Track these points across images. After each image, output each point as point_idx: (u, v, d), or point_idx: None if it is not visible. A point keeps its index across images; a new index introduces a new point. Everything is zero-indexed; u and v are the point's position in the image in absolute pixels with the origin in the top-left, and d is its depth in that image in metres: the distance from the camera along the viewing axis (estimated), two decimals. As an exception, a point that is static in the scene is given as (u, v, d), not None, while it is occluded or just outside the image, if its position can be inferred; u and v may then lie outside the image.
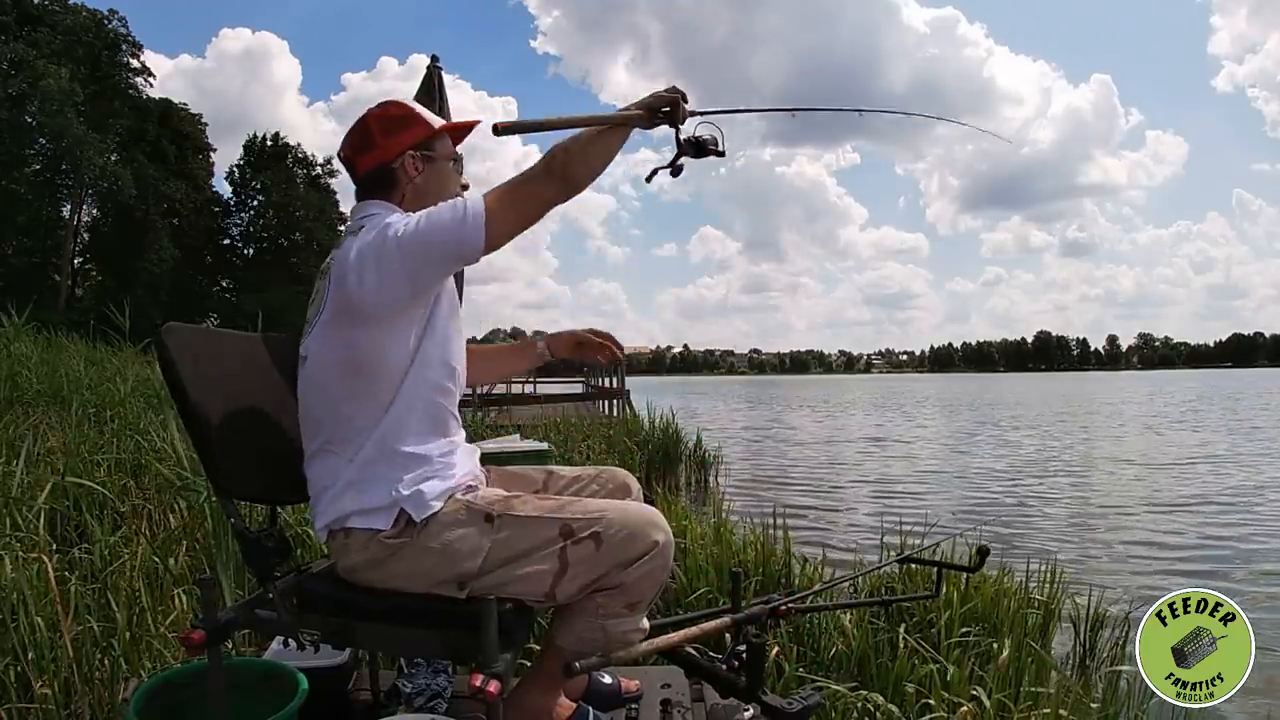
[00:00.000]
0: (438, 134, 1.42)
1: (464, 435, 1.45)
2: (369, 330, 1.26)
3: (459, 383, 1.40)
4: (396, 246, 1.22)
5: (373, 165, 1.38)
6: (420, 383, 1.31)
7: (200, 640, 1.26)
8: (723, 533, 3.48)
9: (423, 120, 1.41)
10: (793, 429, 17.84)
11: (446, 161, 1.43)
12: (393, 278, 1.22)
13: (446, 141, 1.45)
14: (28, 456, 3.17)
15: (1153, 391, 38.24)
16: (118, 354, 7.75)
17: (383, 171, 1.38)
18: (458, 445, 1.41)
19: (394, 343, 1.28)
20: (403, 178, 1.38)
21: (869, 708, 2.01)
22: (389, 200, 1.38)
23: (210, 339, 1.49)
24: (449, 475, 1.34)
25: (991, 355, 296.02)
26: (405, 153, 1.38)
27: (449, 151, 1.44)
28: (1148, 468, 9.66)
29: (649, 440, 8.56)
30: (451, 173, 1.44)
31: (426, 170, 1.39)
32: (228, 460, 1.37)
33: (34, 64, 25.67)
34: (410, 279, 1.23)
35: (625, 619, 1.33)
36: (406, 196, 1.38)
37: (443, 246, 1.23)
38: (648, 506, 1.38)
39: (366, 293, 1.23)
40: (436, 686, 1.74)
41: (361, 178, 1.40)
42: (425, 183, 1.39)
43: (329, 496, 1.31)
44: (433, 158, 1.40)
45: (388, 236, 1.23)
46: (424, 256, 1.23)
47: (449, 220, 1.22)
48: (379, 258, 1.22)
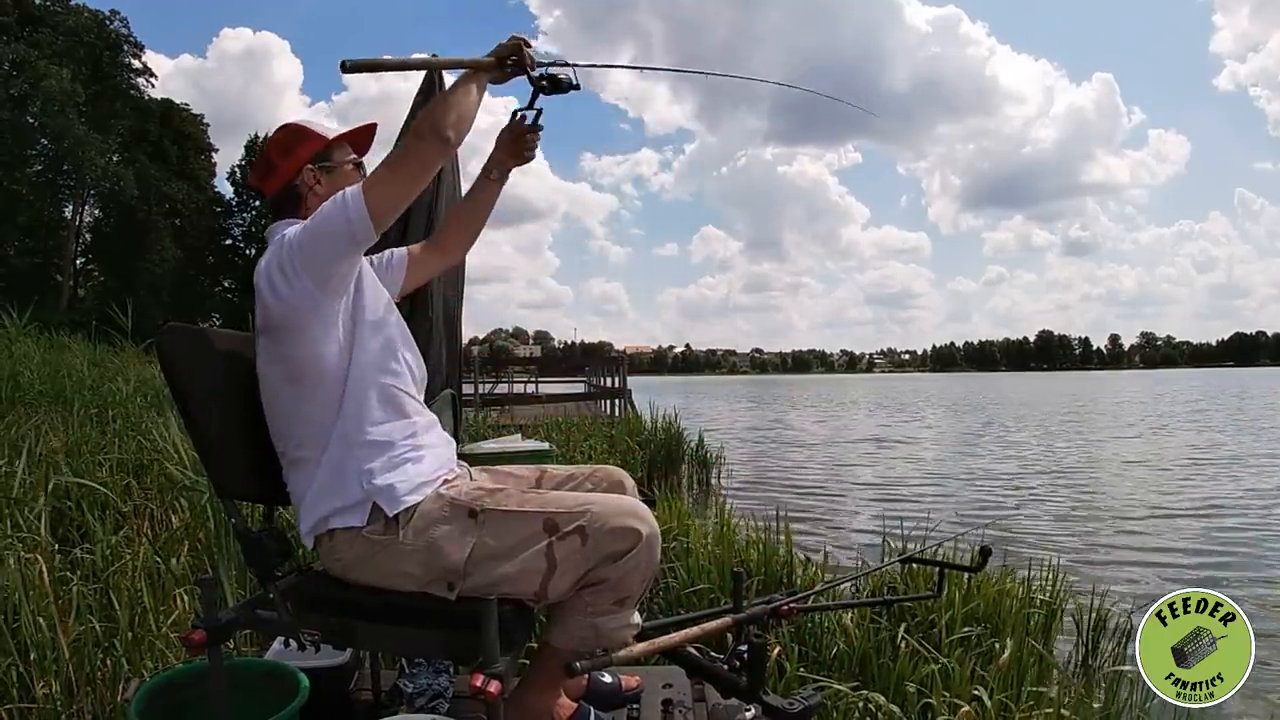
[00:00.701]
0: (334, 144, 1.47)
1: (430, 419, 1.46)
2: (296, 336, 1.30)
3: (408, 364, 1.43)
4: (294, 248, 1.28)
5: (278, 186, 1.45)
6: (365, 370, 1.34)
7: (201, 640, 1.26)
8: (724, 532, 3.49)
9: (315, 134, 1.46)
10: (795, 429, 17.83)
11: (347, 167, 1.47)
12: (298, 278, 1.28)
13: (346, 149, 1.49)
14: (29, 456, 3.17)
15: (1156, 392, 38.19)
16: (119, 354, 7.77)
17: (287, 190, 1.45)
18: (419, 426, 1.41)
19: (325, 340, 1.31)
20: (305, 191, 1.43)
21: (870, 708, 2.01)
22: (296, 216, 1.43)
23: (211, 339, 1.49)
24: (419, 459, 1.36)
25: (993, 355, 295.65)
26: (304, 168, 1.43)
27: (348, 158, 1.48)
28: (1150, 468, 9.66)
29: (651, 440, 8.56)
30: (353, 177, 1.46)
31: (326, 180, 1.44)
32: (228, 460, 1.38)
33: (35, 65, 25.72)
34: (313, 274, 1.28)
35: (615, 615, 1.33)
36: (312, 208, 1.40)
37: (331, 235, 1.27)
38: (630, 499, 1.38)
39: (281, 301, 1.29)
40: (438, 687, 1.74)
41: (271, 201, 1.47)
42: (327, 191, 1.41)
43: (306, 503, 1.33)
44: (331, 166, 1.45)
45: (284, 244, 1.30)
46: (318, 248, 1.28)
47: (331, 209, 1.27)
48: (281, 265, 1.28)
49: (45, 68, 25.79)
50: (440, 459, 1.42)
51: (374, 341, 1.36)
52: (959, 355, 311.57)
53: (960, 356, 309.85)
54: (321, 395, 1.31)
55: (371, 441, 1.32)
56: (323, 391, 1.31)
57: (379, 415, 1.34)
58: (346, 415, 1.32)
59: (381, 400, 1.35)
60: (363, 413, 1.33)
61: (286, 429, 1.35)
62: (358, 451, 1.31)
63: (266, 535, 1.35)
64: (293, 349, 1.30)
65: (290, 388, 1.32)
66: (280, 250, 1.30)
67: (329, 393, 1.31)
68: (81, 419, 4.62)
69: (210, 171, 36.64)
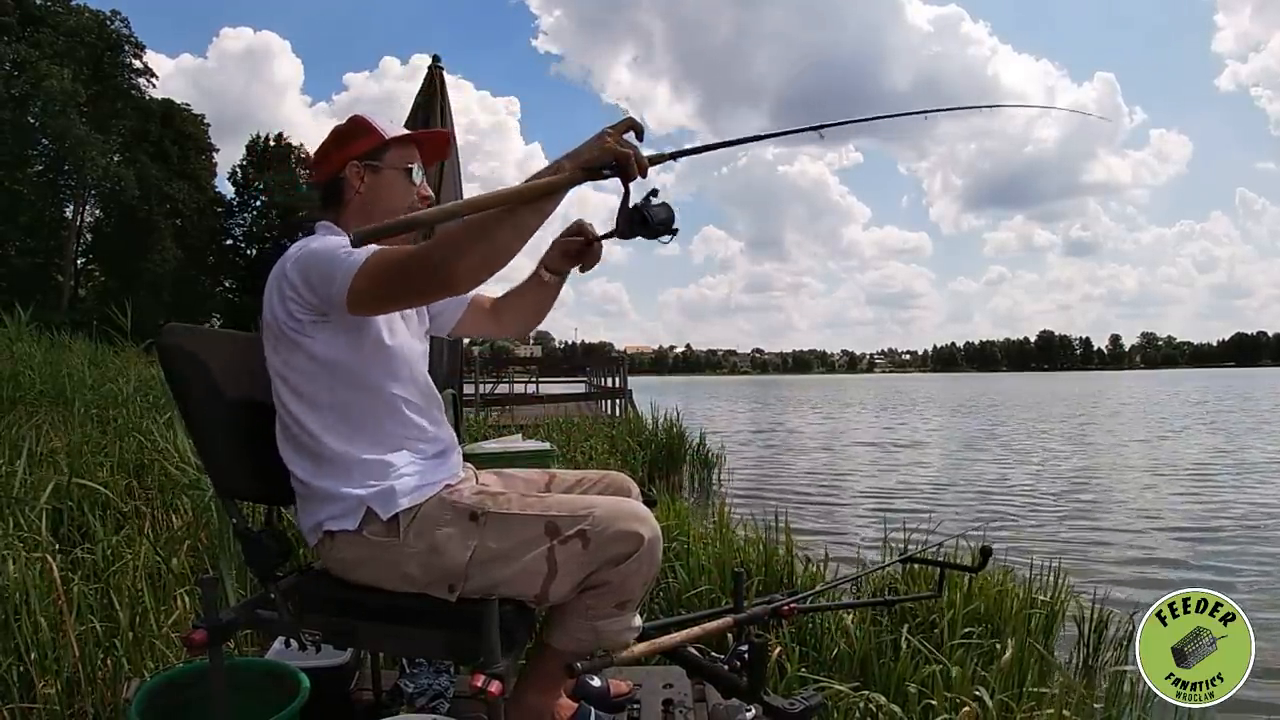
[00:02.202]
0: (393, 144, 1.41)
1: (438, 427, 1.43)
2: (293, 344, 1.28)
3: (411, 374, 1.39)
4: (294, 282, 1.25)
5: (325, 178, 1.43)
6: (373, 374, 1.32)
7: (202, 640, 1.26)
8: (725, 532, 3.49)
9: (373, 131, 1.41)
10: (795, 429, 17.83)
11: (396, 171, 1.41)
12: (290, 302, 1.26)
13: (401, 152, 1.42)
14: (30, 457, 3.18)
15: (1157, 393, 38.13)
16: (120, 354, 7.78)
17: (333, 183, 1.41)
18: (427, 434, 1.39)
19: (324, 349, 1.28)
20: (347, 188, 1.40)
21: (871, 708, 2.01)
22: (335, 214, 1.41)
23: (211, 339, 1.49)
24: (423, 464, 1.35)
25: (994, 355, 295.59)
26: (350, 163, 1.39)
27: (399, 161, 1.42)
28: (1152, 468, 9.65)
29: (651, 440, 8.56)
30: (400, 182, 1.41)
31: (370, 179, 1.39)
32: (229, 460, 1.38)
33: (36, 65, 25.70)
34: (309, 310, 1.26)
35: (616, 618, 1.33)
36: (353, 206, 1.39)
37: (313, 289, 1.24)
38: (633, 502, 1.37)
39: (274, 317, 1.28)
40: (438, 687, 1.74)
41: (320, 191, 1.44)
42: (369, 191, 1.39)
43: (310, 503, 1.33)
44: (378, 167, 1.40)
45: (286, 265, 1.27)
46: (312, 295, 1.25)
47: (328, 269, 1.21)
48: (284, 283, 1.27)
49: (46, 68, 25.77)
50: (446, 465, 1.41)
51: (376, 351, 1.33)
52: (960, 355, 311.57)
53: (961, 357, 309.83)
54: (329, 396, 1.30)
55: (376, 444, 1.32)
56: (331, 392, 1.30)
57: (386, 419, 1.34)
58: (353, 417, 1.31)
59: (389, 405, 1.34)
60: (369, 415, 1.32)
61: (287, 428, 1.34)
62: (363, 454, 1.31)
63: (267, 535, 1.34)
64: (291, 353, 1.30)
65: (288, 388, 1.32)
66: (282, 270, 1.27)
67: (337, 394, 1.30)
68: (82, 419, 4.62)
69: (211, 172, 36.64)
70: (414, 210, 1.40)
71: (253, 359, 1.56)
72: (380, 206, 1.39)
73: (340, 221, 1.41)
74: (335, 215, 1.41)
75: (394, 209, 1.38)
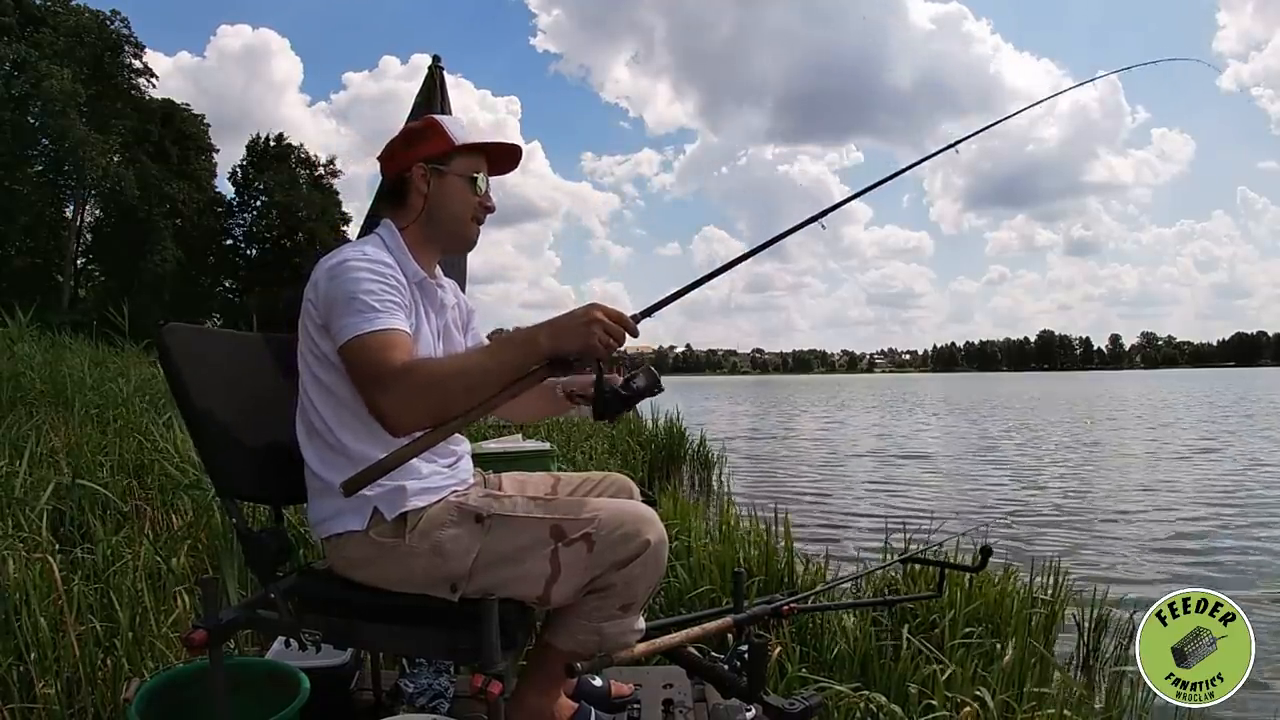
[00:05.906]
0: (463, 150, 1.41)
1: (454, 439, 1.43)
2: (322, 328, 1.29)
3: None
4: (321, 285, 1.28)
5: (391, 174, 1.43)
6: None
7: (202, 640, 1.26)
8: (725, 532, 3.48)
9: (443, 135, 1.41)
10: (795, 429, 17.82)
11: (460, 178, 1.41)
12: (311, 305, 1.30)
13: (469, 160, 1.42)
14: (30, 457, 3.18)
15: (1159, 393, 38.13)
16: (120, 354, 7.78)
17: (398, 180, 1.42)
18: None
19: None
20: (412, 189, 1.41)
21: (871, 708, 2.01)
22: (398, 213, 1.42)
23: (211, 339, 1.49)
24: (428, 470, 1.35)
25: (995, 355, 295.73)
26: (416, 164, 1.40)
27: (465, 169, 1.41)
28: (1152, 468, 9.64)
29: (652, 440, 8.55)
30: (463, 189, 1.41)
31: (434, 182, 1.40)
32: (229, 460, 1.38)
33: (36, 65, 25.70)
34: (320, 313, 1.29)
35: (620, 620, 1.33)
36: (415, 207, 1.40)
37: (322, 314, 1.27)
38: (639, 504, 1.37)
39: (308, 300, 1.31)
40: (439, 687, 1.74)
41: (384, 186, 1.45)
42: (433, 195, 1.40)
43: (318, 502, 1.33)
44: (443, 172, 1.40)
45: (324, 267, 1.29)
46: (321, 306, 1.28)
47: (342, 311, 1.24)
48: (314, 280, 1.30)
49: (46, 68, 25.77)
50: (456, 472, 1.42)
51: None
52: (960, 355, 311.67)
53: (961, 357, 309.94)
54: (348, 390, 1.30)
55: (390, 446, 1.28)
56: (348, 386, 1.30)
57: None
58: (368, 416, 1.29)
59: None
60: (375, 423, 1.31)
61: (309, 425, 1.34)
62: (375, 454, 1.28)
63: (267, 535, 1.34)
64: (321, 350, 1.30)
65: (313, 383, 1.32)
66: (323, 277, 1.29)
67: (351, 395, 1.30)
68: (82, 419, 4.62)
69: (211, 172, 36.62)
70: (476, 218, 1.43)
71: (253, 358, 1.56)
72: (442, 211, 1.40)
73: (402, 221, 1.42)
74: (397, 214, 1.43)
75: (455, 214, 1.41)
